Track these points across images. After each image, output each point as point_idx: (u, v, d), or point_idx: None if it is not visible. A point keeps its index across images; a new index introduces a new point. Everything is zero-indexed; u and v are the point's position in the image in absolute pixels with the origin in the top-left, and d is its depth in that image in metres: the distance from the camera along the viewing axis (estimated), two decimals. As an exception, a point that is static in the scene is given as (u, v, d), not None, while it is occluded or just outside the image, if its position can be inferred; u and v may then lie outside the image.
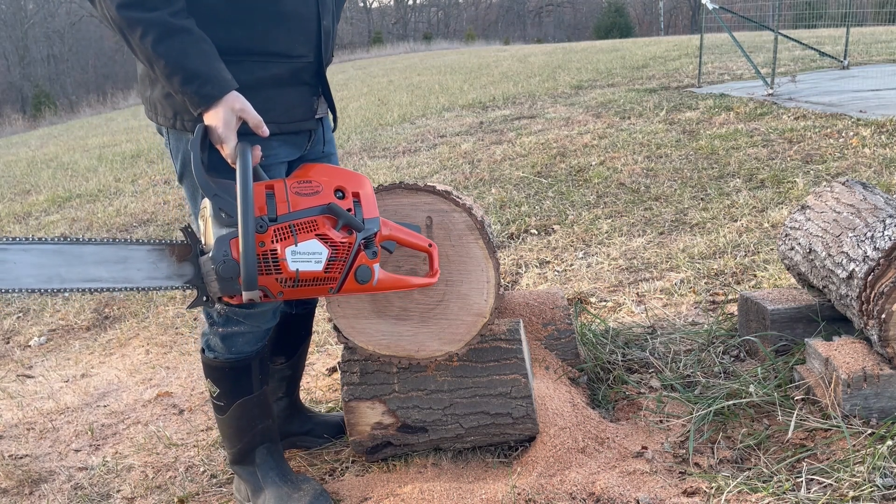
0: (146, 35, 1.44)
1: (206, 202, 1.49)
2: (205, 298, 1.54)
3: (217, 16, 1.55)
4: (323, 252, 1.50)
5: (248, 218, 1.40)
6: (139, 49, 1.47)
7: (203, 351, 1.86)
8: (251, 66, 1.60)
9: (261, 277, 1.46)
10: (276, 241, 1.46)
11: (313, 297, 1.88)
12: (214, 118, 1.49)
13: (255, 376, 1.87)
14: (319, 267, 1.50)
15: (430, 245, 1.72)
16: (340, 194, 1.55)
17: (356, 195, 1.57)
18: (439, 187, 1.85)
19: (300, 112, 1.73)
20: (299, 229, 1.48)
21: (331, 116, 1.89)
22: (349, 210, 1.54)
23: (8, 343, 3.74)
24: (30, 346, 3.66)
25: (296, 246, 1.47)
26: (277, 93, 1.66)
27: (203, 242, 1.52)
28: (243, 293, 1.44)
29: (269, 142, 1.63)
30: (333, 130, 1.95)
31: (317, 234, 1.49)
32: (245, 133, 1.53)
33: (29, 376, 3.25)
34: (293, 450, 2.23)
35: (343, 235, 1.52)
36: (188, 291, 1.58)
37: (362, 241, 1.55)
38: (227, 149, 1.50)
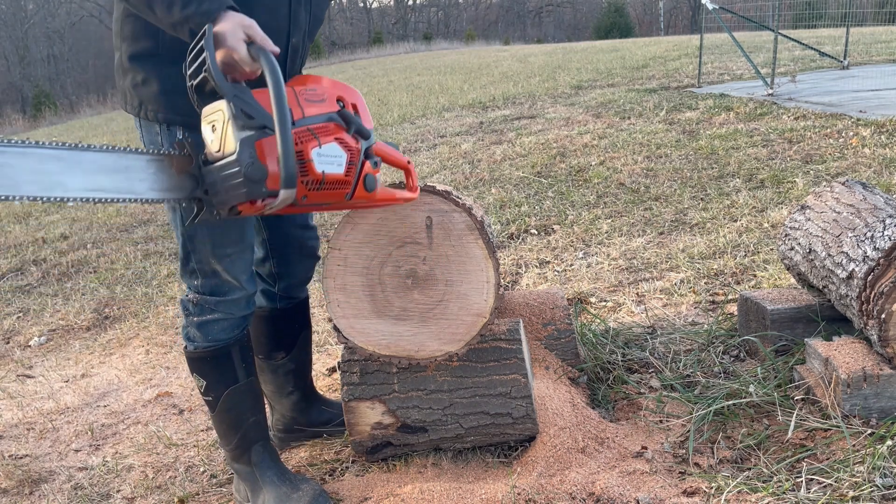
0: None
1: (222, 105, 1.41)
2: (213, 211, 1.48)
3: None
4: (343, 155, 1.48)
5: (286, 112, 1.35)
6: None
7: (185, 347, 1.89)
8: None
9: None
10: (302, 143, 1.43)
11: (330, 202, 1.66)
12: (221, 29, 1.44)
13: (237, 364, 1.88)
14: (341, 170, 1.48)
15: (409, 162, 1.74)
16: (341, 104, 1.54)
17: (354, 106, 1.56)
18: (439, 187, 1.85)
19: None
20: (318, 133, 1.46)
21: None
22: None
23: (8, 343, 3.74)
24: (30, 346, 3.66)
25: (320, 148, 1.45)
26: None
27: (218, 149, 1.45)
28: (282, 191, 1.37)
29: None
30: None
31: (335, 138, 1.48)
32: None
33: (29, 376, 3.25)
34: (301, 445, 2.24)
35: (354, 141, 1.51)
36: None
37: (365, 150, 1.54)
38: (241, 52, 1.43)
